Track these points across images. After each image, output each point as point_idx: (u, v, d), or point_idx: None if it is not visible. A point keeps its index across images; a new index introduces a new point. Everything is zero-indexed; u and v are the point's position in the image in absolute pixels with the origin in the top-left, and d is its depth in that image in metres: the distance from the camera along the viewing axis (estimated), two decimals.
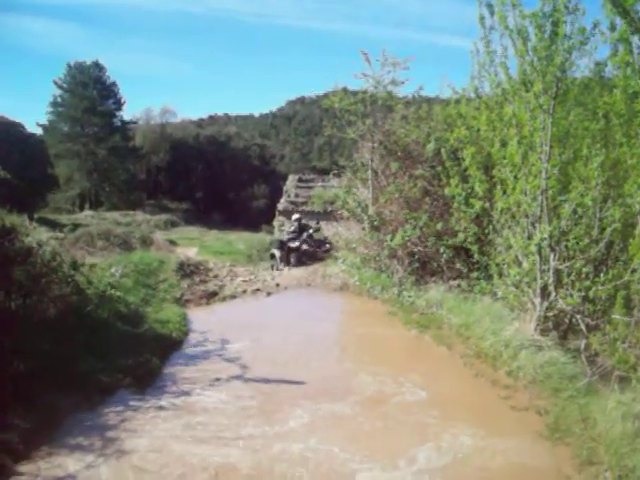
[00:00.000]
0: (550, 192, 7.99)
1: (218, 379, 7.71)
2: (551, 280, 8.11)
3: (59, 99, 54.44)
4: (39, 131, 54.79)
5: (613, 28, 7.36)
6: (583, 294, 7.82)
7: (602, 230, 7.78)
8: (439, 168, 11.57)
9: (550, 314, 8.25)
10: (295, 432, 6.15)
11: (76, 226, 22.53)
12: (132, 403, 6.88)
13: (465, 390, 7.47)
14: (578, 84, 8.02)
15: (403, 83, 14.67)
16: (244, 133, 76.93)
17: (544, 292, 8.23)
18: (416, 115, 14.57)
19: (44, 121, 55.45)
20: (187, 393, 7.21)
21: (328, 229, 18.92)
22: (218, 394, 7.17)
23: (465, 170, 10.10)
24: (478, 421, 6.42)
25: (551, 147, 7.84)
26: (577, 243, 7.91)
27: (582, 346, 7.59)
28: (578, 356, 7.51)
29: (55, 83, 53.92)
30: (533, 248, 8.17)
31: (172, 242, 24.40)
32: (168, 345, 9.09)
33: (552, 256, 8.08)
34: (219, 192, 59.04)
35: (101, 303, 9.49)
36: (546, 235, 7.93)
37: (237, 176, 62.23)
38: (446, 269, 12.10)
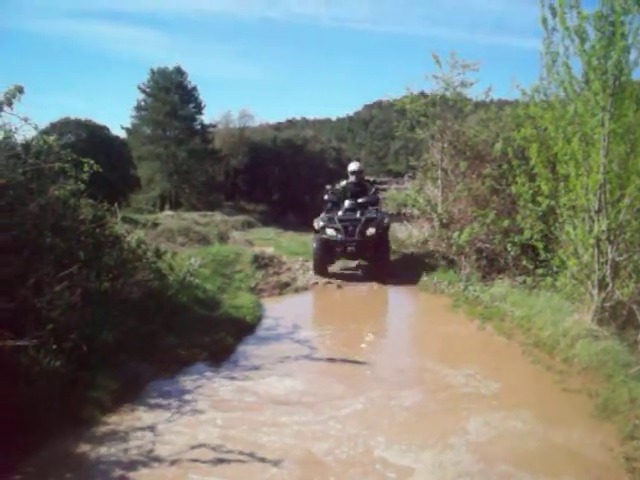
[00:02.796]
0: (608, 186, 8.21)
1: (287, 357, 8.31)
2: (609, 272, 8.33)
3: (142, 103, 56.35)
4: (123, 134, 56.75)
5: None
6: None
7: None
8: (506, 167, 11.80)
9: (607, 305, 8.45)
10: (348, 416, 6.37)
11: (157, 225, 23.49)
12: (207, 373, 7.56)
13: (520, 373, 7.82)
14: (638, 82, 8.23)
15: (472, 84, 15.02)
16: (321, 137, 77.35)
17: (602, 284, 8.43)
18: (485, 116, 14.89)
19: (128, 124, 57.70)
20: (257, 368, 7.81)
21: (401, 230, 19.22)
22: (285, 372, 7.69)
23: (532, 169, 10.30)
24: (529, 398, 6.83)
25: (609, 143, 8.07)
26: (635, 236, 8.13)
27: (639, 337, 7.80)
28: (635, 346, 7.72)
29: (139, 88, 55.88)
30: (592, 241, 8.40)
31: (249, 242, 25.11)
32: (242, 327, 9.70)
33: (610, 248, 8.30)
34: (295, 195, 59.45)
35: (181, 289, 10.23)
36: (604, 228, 8.16)
37: (313, 179, 62.46)
38: (512, 266, 12.32)
